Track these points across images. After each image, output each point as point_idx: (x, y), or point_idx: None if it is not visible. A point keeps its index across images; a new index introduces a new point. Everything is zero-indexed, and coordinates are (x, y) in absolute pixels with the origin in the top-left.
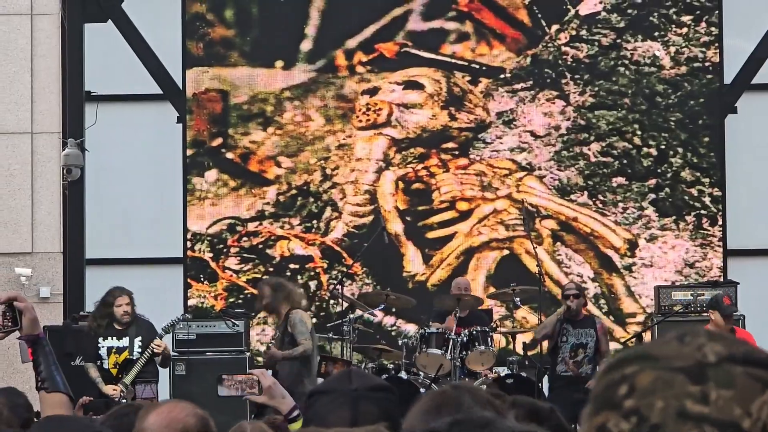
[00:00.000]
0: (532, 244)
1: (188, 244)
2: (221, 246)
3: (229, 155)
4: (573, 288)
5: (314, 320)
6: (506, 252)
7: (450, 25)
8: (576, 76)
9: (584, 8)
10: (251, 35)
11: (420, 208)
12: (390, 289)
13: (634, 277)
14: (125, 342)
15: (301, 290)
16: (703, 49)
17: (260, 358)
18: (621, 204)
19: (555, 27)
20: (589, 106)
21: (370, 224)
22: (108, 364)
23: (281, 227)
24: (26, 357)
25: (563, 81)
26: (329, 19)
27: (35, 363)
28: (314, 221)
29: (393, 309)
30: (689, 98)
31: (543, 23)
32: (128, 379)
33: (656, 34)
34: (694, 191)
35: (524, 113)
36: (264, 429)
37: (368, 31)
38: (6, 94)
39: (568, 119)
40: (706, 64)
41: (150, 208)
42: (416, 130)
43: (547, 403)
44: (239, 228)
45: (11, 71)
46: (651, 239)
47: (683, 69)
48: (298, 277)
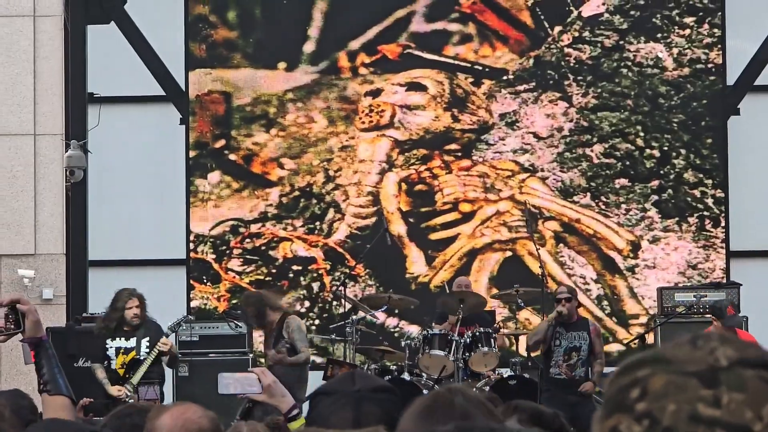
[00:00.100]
0: (535, 246)
1: (191, 246)
2: (224, 248)
3: (232, 157)
4: (565, 292)
5: (317, 322)
6: (509, 253)
7: (453, 27)
8: (579, 78)
9: (587, 10)
10: (254, 37)
11: (423, 210)
12: (393, 291)
13: (637, 279)
14: (133, 343)
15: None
16: (706, 51)
17: (263, 360)
18: (624, 205)
19: (558, 28)
20: (592, 108)
21: (373, 226)
22: (116, 365)
23: (284, 229)
24: (29, 359)
25: (566, 82)
26: (332, 21)
27: (38, 365)
28: (317, 223)
29: (396, 310)
30: (692, 100)
31: (546, 25)
32: (135, 380)
33: (659, 36)
34: (697, 193)
35: (527, 115)
36: (260, 430)
37: (371, 33)
38: (9, 96)
39: (571, 121)
40: (709, 66)
41: (153, 210)
42: (419, 132)
43: (551, 408)
44: (242, 230)
45: (14, 73)
46: (654, 241)
47: (686, 70)
48: (301, 279)
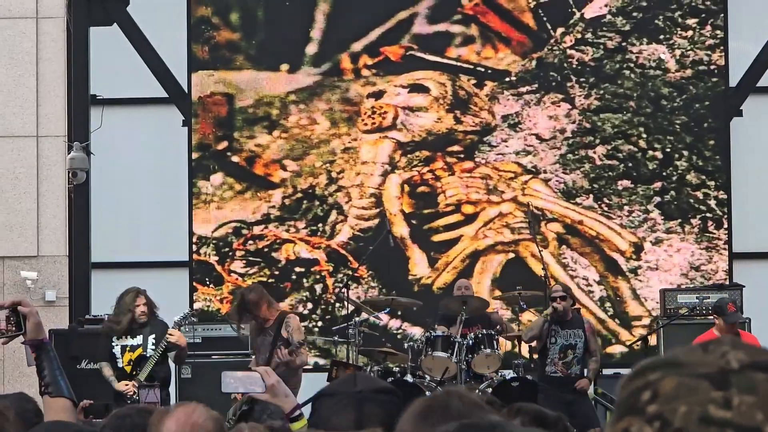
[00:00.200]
0: (538, 248)
1: (194, 248)
2: (227, 249)
3: (235, 158)
4: (560, 290)
5: (320, 324)
6: (512, 255)
7: (455, 29)
8: (581, 79)
9: (589, 11)
10: (257, 39)
11: (425, 212)
12: (395, 293)
13: (640, 280)
14: (139, 340)
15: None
16: (709, 52)
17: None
18: (626, 207)
19: (560, 30)
20: (595, 109)
21: (376, 227)
22: (122, 362)
23: (287, 231)
24: (31, 361)
25: (568, 84)
26: (334, 23)
27: (39, 367)
28: (320, 224)
29: (398, 312)
30: (694, 101)
31: (548, 26)
32: (142, 376)
33: (661, 37)
34: (700, 194)
35: (529, 116)
36: (261, 431)
37: (373, 35)
38: (11, 98)
39: (574, 122)
40: (712, 67)
41: (155, 212)
42: (421, 134)
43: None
44: (245, 231)
45: (16, 74)
46: (656, 242)
47: (688, 72)
48: (304, 281)
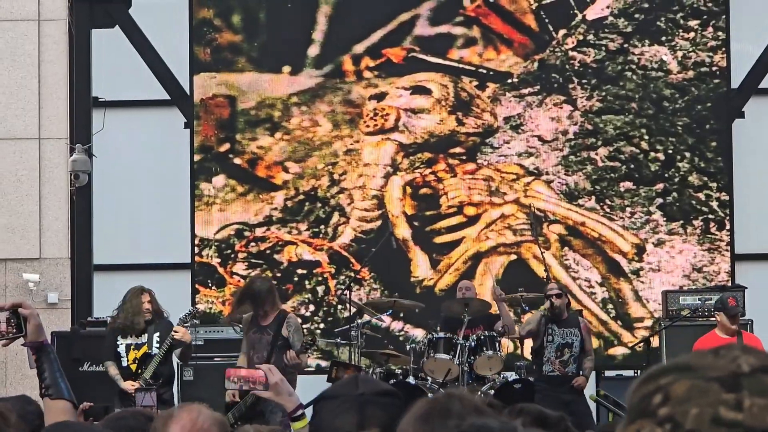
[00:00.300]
0: (540, 249)
1: (196, 250)
2: (229, 251)
3: (237, 161)
4: (555, 288)
5: (322, 325)
6: (514, 257)
7: (457, 30)
8: (583, 81)
9: (591, 13)
10: (259, 41)
11: (428, 213)
12: (398, 294)
13: (642, 282)
14: (144, 338)
15: None
16: (711, 54)
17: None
18: (628, 208)
19: (562, 32)
20: (597, 111)
21: (378, 229)
22: (127, 361)
23: (289, 232)
24: (33, 363)
25: (570, 86)
26: (336, 25)
27: (39, 369)
28: (322, 226)
29: (401, 314)
30: (696, 103)
31: (550, 28)
32: (147, 374)
33: (663, 39)
34: (702, 196)
35: (531, 118)
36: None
37: (375, 36)
38: (13, 100)
39: (576, 124)
40: (714, 69)
41: (157, 214)
42: (424, 135)
43: (558, 410)
44: (247, 233)
45: (18, 77)
46: (658, 244)
47: (690, 73)
48: (306, 283)
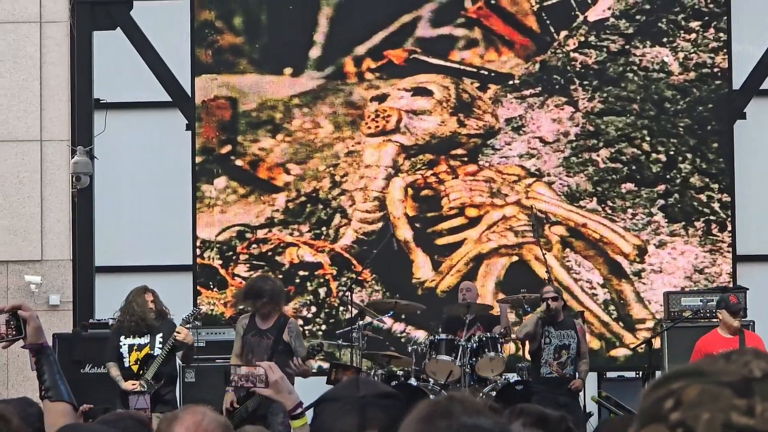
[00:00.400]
0: (542, 251)
1: (197, 252)
2: (230, 253)
3: (238, 162)
4: (551, 291)
5: (323, 327)
6: (515, 258)
7: (459, 32)
8: (585, 82)
9: (593, 14)
10: (260, 42)
11: (429, 215)
12: (399, 296)
13: (644, 283)
14: (146, 339)
15: None
16: (712, 55)
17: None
18: (630, 210)
19: (563, 33)
20: (598, 112)
21: (380, 231)
22: (129, 362)
23: (290, 234)
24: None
25: (572, 87)
26: (338, 26)
27: (39, 372)
28: (323, 228)
29: (402, 316)
30: (698, 104)
31: (551, 29)
32: (149, 375)
33: (665, 40)
34: (703, 197)
35: (533, 119)
36: None
37: (377, 38)
38: (15, 102)
39: (577, 125)
40: (715, 70)
41: (159, 216)
42: (425, 137)
43: (558, 411)
44: (248, 235)
45: (20, 79)
46: (660, 245)
47: (692, 75)
48: (308, 284)
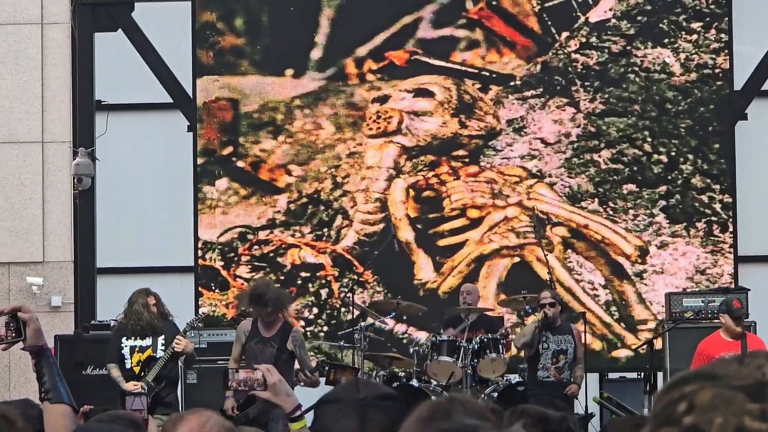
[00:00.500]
0: (543, 252)
1: (199, 253)
2: (232, 254)
3: (240, 164)
4: (549, 297)
5: (325, 328)
6: (517, 259)
7: (460, 33)
8: (586, 83)
9: (594, 15)
10: (261, 44)
11: (431, 216)
12: (401, 297)
13: (645, 284)
14: (148, 341)
15: None
16: (713, 56)
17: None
18: (632, 211)
19: (565, 34)
20: (599, 113)
21: (381, 232)
22: (131, 363)
23: (292, 235)
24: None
25: (573, 88)
26: (339, 28)
27: (39, 374)
28: (325, 229)
29: (404, 317)
30: (699, 105)
31: (553, 30)
32: (150, 377)
33: (666, 41)
34: (705, 198)
35: (534, 121)
36: None
37: (378, 39)
38: (17, 104)
39: (579, 126)
40: (716, 71)
41: (161, 217)
42: (426, 138)
43: (559, 412)
44: (250, 236)
45: (22, 80)
46: (662, 246)
47: (693, 76)
48: (309, 285)
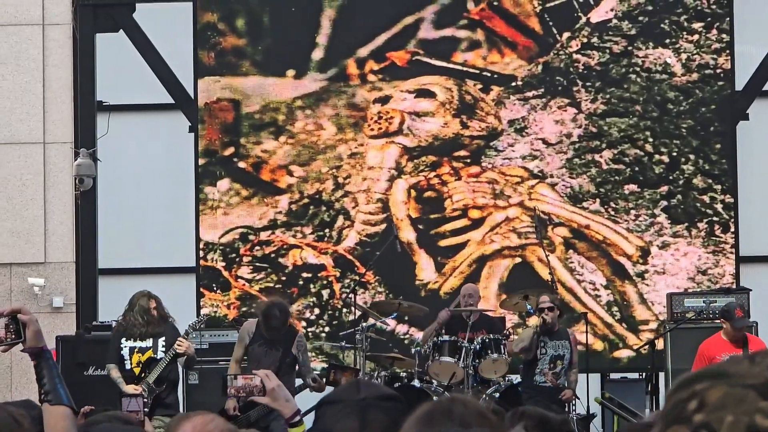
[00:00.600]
0: (545, 252)
1: (201, 254)
2: (234, 255)
3: (241, 164)
4: (547, 301)
5: (327, 329)
6: (518, 260)
7: (461, 33)
8: (587, 84)
9: (595, 16)
10: (263, 44)
11: (432, 217)
12: (402, 298)
13: (647, 285)
14: (149, 342)
15: None
16: (715, 56)
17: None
18: (633, 211)
19: (566, 34)
20: (601, 114)
21: (383, 233)
22: (131, 364)
23: (293, 236)
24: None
25: (575, 88)
26: (340, 28)
27: (39, 375)
28: (326, 230)
29: (405, 317)
30: (701, 105)
31: (554, 31)
32: (151, 378)
33: (667, 41)
34: (706, 198)
35: (536, 121)
36: None
37: (379, 40)
38: (18, 104)
39: (580, 127)
40: (718, 71)
41: (162, 218)
42: (428, 139)
43: (560, 414)
44: (251, 237)
45: (23, 81)
46: (663, 246)
47: (694, 76)
48: (311, 286)
